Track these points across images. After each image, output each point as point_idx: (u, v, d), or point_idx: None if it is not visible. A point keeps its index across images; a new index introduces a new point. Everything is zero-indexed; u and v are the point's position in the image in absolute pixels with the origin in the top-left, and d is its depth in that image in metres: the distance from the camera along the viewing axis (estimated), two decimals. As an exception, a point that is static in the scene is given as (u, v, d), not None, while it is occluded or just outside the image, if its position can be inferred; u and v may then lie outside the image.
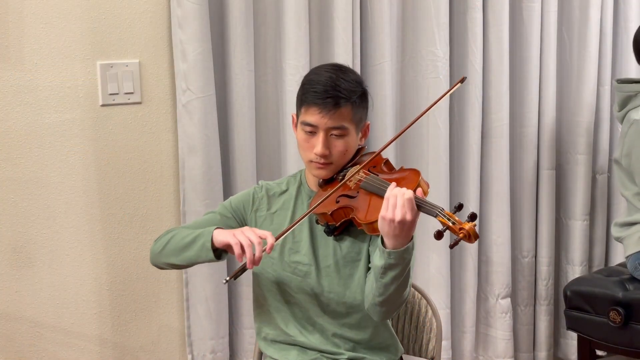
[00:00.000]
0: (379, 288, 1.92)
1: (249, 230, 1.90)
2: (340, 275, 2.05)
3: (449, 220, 1.79)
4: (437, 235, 1.78)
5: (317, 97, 1.96)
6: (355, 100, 1.99)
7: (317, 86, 1.97)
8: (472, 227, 1.76)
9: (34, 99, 2.55)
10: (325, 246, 2.06)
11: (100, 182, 2.67)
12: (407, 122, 3.09)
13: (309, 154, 2.02)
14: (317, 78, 2.00)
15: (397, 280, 1.89)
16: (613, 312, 2.85)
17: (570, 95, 3.40)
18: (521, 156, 3.33)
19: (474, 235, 1.76)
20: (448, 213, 1.80)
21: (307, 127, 1.99)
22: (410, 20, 3.02)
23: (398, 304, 1.96)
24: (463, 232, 1.76)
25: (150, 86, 2.69)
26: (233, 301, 2.90)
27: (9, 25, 2.49)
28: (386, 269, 1.87)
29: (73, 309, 2.70)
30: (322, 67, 2.07)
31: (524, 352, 3.47)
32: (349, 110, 1.98)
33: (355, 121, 2.01)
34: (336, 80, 1.97)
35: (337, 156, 2.01)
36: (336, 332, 2.08)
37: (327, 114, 1.96)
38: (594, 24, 3.31)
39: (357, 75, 2.09)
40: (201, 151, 2.68)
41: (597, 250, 3.59)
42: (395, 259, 1.85)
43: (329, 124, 1.97)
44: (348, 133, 2.00)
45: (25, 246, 2.61)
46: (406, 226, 1.82)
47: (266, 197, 2.14)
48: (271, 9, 2.79)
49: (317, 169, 2.03)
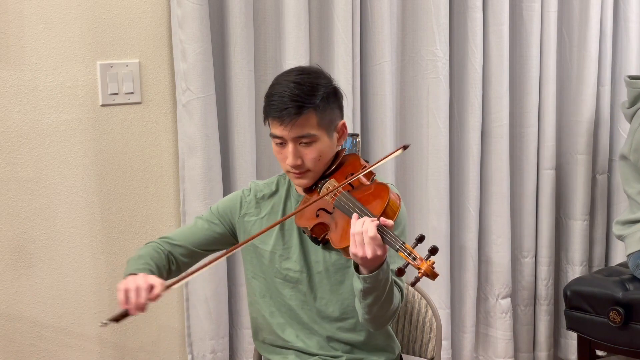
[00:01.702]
0: (363, 308, 1.91)
1: (140, 277, 1.88)
2: (331, 281, 2.04)
3: (410, 255, 1.73)
4: (398, 273, 1.74)
5: (276, 110, 1.92)
6: (319, 105, 1.93)
7: (275, 98, 1.93)
8: (430, 267, 1.70)
9: (34, 99, 2.55)
10: (316, 253, 2.05)
11: (100, 182, 2.67)
12: (407, 122, 3.10)
13: (284, 164, 2.00)
14: (275, 89, 1.95)
15: (379, 299, 1.88)
16: (613, 312, 2.85)
17: (570, 95, 3.40)
18: (521, 156, 3.33)
19: (432, 275, 1.70)
20: (409, 247, 1.74)
21: (276, 139, 1.97)
22: (410, 20, 3.02)
23: (388, 317, 1.96)
24: (421, 271, 1.70)
25: (150, 86, 2.69)
26: (233, 301, 2.90)
27: (9, 25, 2.49)
28: (365, 292, 1.86)
29: (73, 309, 2.70)
30: (282, 76, 2.00)
31: (524, 352, 3.48)
32: (313, 116, 1.93)
33: (323, 126, 1.96)
34: (294, 88, 1.92)
35: (311, 163, 1.97)
36: (332, 336, 2.07)
37: (289, 125, 1.92)
38: (594, 24, 3.32)
39: (322, 76, 1.99)
40: (201, 151, 2.68)
41: (597, 250, 3.59)
42: (371, 283, 1.84)
43: (292, 134, 1.93)
44: (317, 139, 1.95)
45: (25, 246, 2.61)
46: (378, 258, 1.79)
47: (254, 202, 2.11)
48: (271, 9, 2.79)
49: (296, 178, 2.01)
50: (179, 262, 2.12)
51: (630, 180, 2.99)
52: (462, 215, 3.24)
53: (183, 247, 2.12)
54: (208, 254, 2.17)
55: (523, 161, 3.33)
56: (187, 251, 2.12)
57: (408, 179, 3.13)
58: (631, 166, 2.97)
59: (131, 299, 1.85)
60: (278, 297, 2.09)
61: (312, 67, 2.04)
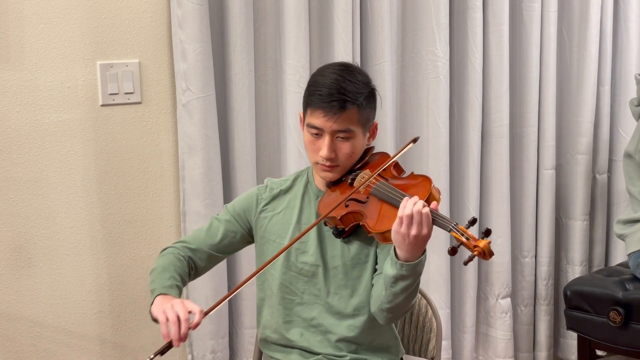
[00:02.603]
0: (388, 296, 1.91)
1: (179, 305, 1.84)
2: (348, 277, 2.03)
3: (463, 235, 1.75)
4: (451, 251, 1.75)
5: (321, 101, 1.93)
6: (362, 102, 1.96)
7: (322, 89, 1.94)
8: (487, 245, 1.72)
9: (34, 99, 2.55)
10: (333, 247, 2.04)
11: (100, 182, 2.67)
12: (407, 122, 3.10)
13: (315, 155, 2.00)
14: (323, 80, 1.96)
15: (408, 290, 1.88)
16: (613, 312, 2.85)
17: (570, 95, 3.40)
18: (521, 156, 3.33)
19: (489, 253, 1.72)
20: (462, 228, 1.76)
21: (313, 129, 1.97)
22: (410, 20, 3.02)
23: (405, 310, 1.96)
24: (477, 249, 1.72)
25: (150, 86, 2.69)
26: (233, 301, 2.90)
27: (9, 25, 2.49)
28: (397, 279, 1.86)
29: (73, 309, 2.70)
30: (328, 68, 2.02)
31: (524, 352, 3.48)
32: (355, 113, 1.95)
33: (361, 123, 1.98)
34: (342, 82, 1.94)
35: (344, 158, 1.99)
36: (339, 334, 2.06)
37: (332, 118, 1.93)
38: (594, 24, 3.32)
39: (365, 75, 2.03)
40: (201, 151, 2.68)
41: (597, 250, 3.59)
42: (407, 271, 1.84)
43: (334, 127, 1.94)
44: (354, 135, 1.98)
45: (25, 246, 2.61)
46: (420, 240, 1.80)
47: (270, 198, 2.12)
48: (271, 9, 2.79)
49: (323, 171, 2.01)
50: (197, 267, 2.13)
51: (634, 179, 2.98)
52: (462, 215, 3.23)
53: (201, 251, 2.13)
54: (226, 257, 2.20)
55: (523, 161, 3.33)
56: (205, 255, 2.13)
57: (408, 179, 3.13)
58: (636, 165, 2.97)
59: (173, 333, 1.81)
60: (289, 292, 2.08)
61: (354, 65, 2.07)
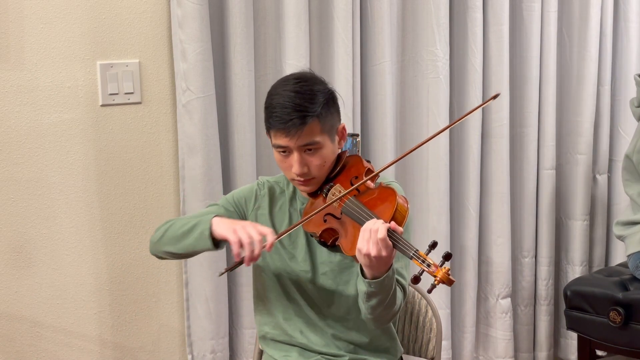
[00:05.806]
0: (367, 309, 1.93)
1: (250, 226, 1.87)
2: (337, 281, 2.05)
3: (424, 262, 1.74)
4: (413, 280, 1.74)
5: (280, 122, 1.92)
6: (321, 112, 1.94)
7: (277, 109, 1.92)
8: (445, 274, 1.72)
9: (34, 99, 2.55)
10: (321, 253, 2.06)
11: (100, 182, 2.67)
12: (407, 122, 3.10)
13: (288, 173, 2.00)
14: (277, 100, 1.94)
15: (382, 303, 1.90)
16: (613, 312, 2.85)
17: (570, 95, 3.40)
18: (521, 156, 3.33)
19: (448, 282, 1.72)
20: (422, 254, 1.75)
21: (280, 149, 1.97)
22: (410, 20, 3.02)
23: (390, 317, 1.97)
24: (437, 279, 1.71)
25: (150, 86, 2.69)
26: (233, 301, 2.90)
27: (9, 25, 2.49)
28: (369, 295, 1.88)
29: (73, 309, 2.70)
30: (281, 85, 1.99)
31: (524, 352, 3.48)
32: (317, 124, 1.93)
33: (326, 131, 1.97)
34: (295, 98, 1.92)
35: (316, 170, 1.98)
36: (336, 334, 2.08)
37: (295, 135, 1.92)
38: (594, 24, 3.32)
39: (321, 82, 2.00)
40: (201, 151, 2.68)
41: (597, 250, 3.59)
42: (375, 288, 1.85)
43: (299, 142, 1.93)
44: (322, 146, 1.96)
45: (25, 246, 2.61)
46: (383, 261, 1.80)
47: (268, 196, 2.12)
48: (271, 9, 2.79)
49: (301, 185, 2.01)
50: None
51: (631, 181, 2.98)
52: (462, 215, 3.23)
53: None
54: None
55: (523, 161, 3.33)
56: None
57: (408, 179, 3.13)
58: (633, 166, 2.97)
59: (248, 252, 1.84)
60: (285, 293, 2.09)
61: (307, 74, 2.04)
